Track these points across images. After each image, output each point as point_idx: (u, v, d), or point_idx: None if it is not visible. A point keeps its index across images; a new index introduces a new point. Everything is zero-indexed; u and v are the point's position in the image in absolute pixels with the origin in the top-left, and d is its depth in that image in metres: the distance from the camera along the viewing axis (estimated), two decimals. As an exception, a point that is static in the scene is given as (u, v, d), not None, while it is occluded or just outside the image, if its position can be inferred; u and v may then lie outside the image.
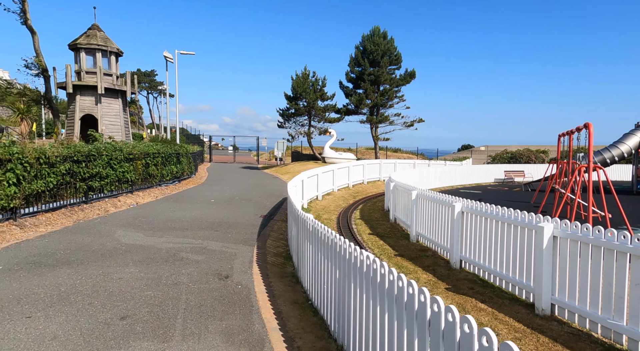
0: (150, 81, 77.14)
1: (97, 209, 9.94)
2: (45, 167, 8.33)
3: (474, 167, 24.56)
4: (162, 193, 13.74)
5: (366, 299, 2.99)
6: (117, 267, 5.60)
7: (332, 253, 3.79)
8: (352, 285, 3.26)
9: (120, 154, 11.39)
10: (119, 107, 17.56)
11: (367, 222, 10.84)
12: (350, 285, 3.30)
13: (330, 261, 3.86)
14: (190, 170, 18.80)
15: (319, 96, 28.26)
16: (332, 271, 3.80)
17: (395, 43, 30.88)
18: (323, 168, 15.86)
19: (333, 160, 28.12)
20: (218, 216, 9.98)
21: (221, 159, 41.98)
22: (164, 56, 22.32)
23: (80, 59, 16.81)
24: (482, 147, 41.39)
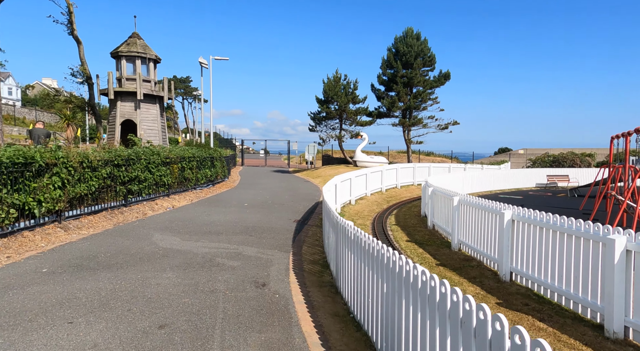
0: (185, 87, 79.79)
1: (136, 212, 10.14)
2: (88, 171, 8.57)
3: (514, 172, 23.45)
4: (197, 197, 13.92)
5: (422, 318, 2.71)
6: (155, 272, 5.58)
7: (378, 264, 3.53)
8: (403, 301, 2.98)
9: (157, 158, 11.62)
10: (156, 112, 18.06)
11: (404, 228, 10.45)
12: (400, 301, 3.02)
13: (375, 274, 3.60)
14: (223, 174, 19.04)
15: (350, 99, 28.01)
16: (377, 284, 3.54)
17: (429, 44, 30.19)
18: (356, 172, 15.57)
19: (364, 164, 27.72)
20: (252, 220, 9.93)
21: (253, 162, 42.53)
22: (199, 62, 22.83)
23: (121, 67, 17.44)
24: (521, 151, 39.62)
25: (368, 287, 3.80)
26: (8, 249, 6.28)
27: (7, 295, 4.57)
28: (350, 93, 28.59)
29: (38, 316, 4.03)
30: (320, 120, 29.75)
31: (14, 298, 4.48)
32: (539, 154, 40.14)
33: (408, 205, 15.53)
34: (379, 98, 31.32)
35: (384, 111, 30.60)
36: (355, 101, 28.69)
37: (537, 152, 40.35)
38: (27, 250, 6.42)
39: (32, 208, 6.94)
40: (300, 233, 8.63)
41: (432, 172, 22.80)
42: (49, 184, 7.30)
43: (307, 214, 11.33)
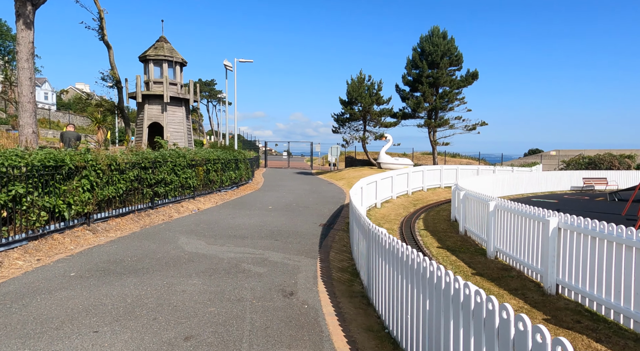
0: (210, 90, 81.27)
1: (162, 215, 10.16)
2: (116, 173, 8.61)
3: (547, 174, 22.42)
4: (221, 199, 13.91)
5: (475, 344, 2.40)
6: (181, 278, 5.46)
7: (419, 279, 3.23)
8: (451, 323, 2.68)
9: (183, 160, 11.65)
10: (182, 114, 18.26)
11: (434, 233, 10.03)
12: (448, 322, 2.72)
13: (416, 288, 3.30)
14: (247, 176, 19.05)
15: (374, 100, 27.59)
16: (419, 301, 3.24)
17: (455, 42, 29.40)
18: (382, 175, 15.20)
19: (389, 166, 27.23)
20: (277, 223, 9.76)
21: (276, 164, 42.67)
22: (224, 65, 23.02)
23: (149, 70, 17.73)
24: (553, 152, 38.01)
25: (406, 302, 3.50)
26: (39, 252, 6.32)
27: (35, 300, 4.52)
28: (374, 94, 28.17)
29: (64, 323, 3.94)
30: (344, 121, 29.46)
31: (42, 303, 4.43)
32: (573, 155, 38.41)
33: (436, 209, 15.02)
34: (404, 99, 30.74)
35: (409, 111, 29.99)
36: (379, 102, 28.25)
37: (571, 154, 38.62)
38: (57, 253, 6.45)
39: (62, 211, 6.99)
40: (326, 238, 8.38)
41: (460, 174, 22.09)
42: (78, 187, 7.35)
43: (332, 217, 11.08)
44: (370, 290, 4.91)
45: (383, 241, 4.23)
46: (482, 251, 8.09)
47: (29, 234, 6.44)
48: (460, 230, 9.92)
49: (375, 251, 4.55)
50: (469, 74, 28.90)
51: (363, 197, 12.17)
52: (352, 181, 22.50)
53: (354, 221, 6.72)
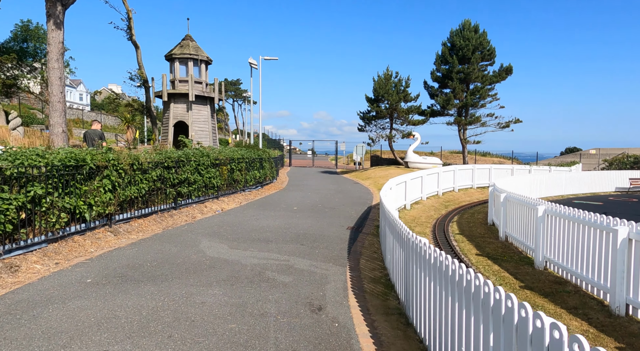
0: (235, 89, 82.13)
1: (185, 216, 9.91)
2: (139, 173, 8.39)
3: (588, 174, 20.97)
4: (245, 199, 13.61)
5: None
6: (201, 287, 5.07)
7: (477, 304, 2.66)
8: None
9: (207, 159, 11.39)
10: (207, 113, 18.13)
11: (470, 239, 9.31)
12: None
13: (473, 315, 2.73)
14: (272, 175, 18.74)
15: (402, 97, 26.73)
16: (477, 329, 2.67)
17: (487, 36, 28.09)
18: (411, 174, 14.49)
19: (417, 165, 26.34)
20: (302, 226, 9.30)
21: (300, 163, 42.40)
22: (249, 63, 22.82)
23: (175, 69, 17.69)
24: (593, 151, 35.87)
25: (459, 328, 2.93)
26: (58, 255, 6.11)
27: (47, 310, 4.23)
28: (401, 91, 27.31)
29: (73, 339, 3.60)
30: (370, 119, 28.74)
31: (53, 314, 4.13)
32: (615, 154, 36.13)
33: (469, 211, 14.18)
34: (432, 96, 29.69)
35: (438, 109, 28.93)
36: (407, 99, 27.35)
37: (612, 153, 36.35)
38: (76, 256, 6.22)
39: (83, 212, 6.78)
40: (355, 243, 7.84)
41: (494, 174, 20.99)
42: (99, 187, 7.13)
43: (360, 220, 10.52)
44: (409, 308, 4.35)
45: (426, 254, 3.66)
46: (528, 261, 7.34)
47: (49, 236, 6.24)
48: (500, 236, 9.14)
49: (416, 264, 3.99)
50: (502, 69, 27.54)
51: (392, 198, 11.54)
52: (378, 181, 21.82)
53: (387, 226, 6.16)
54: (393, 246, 5.39)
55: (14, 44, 31.19)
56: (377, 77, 27.43)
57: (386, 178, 22.50)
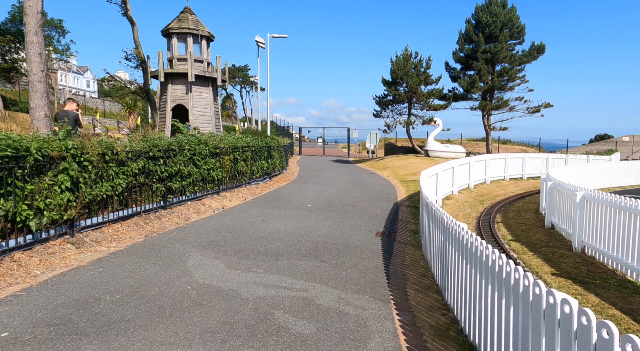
0: (243, 76, 79.92)
1: (177, 217, 8.13)
2: (113, 166, 6.59)
3: (637, 164, 18.69)
4: (251, 194, 11.80)
5: None
6: (174, 347, 3.26)
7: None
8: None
9: (205, 148, 9.55)
10: (209, 96, 16.25)
11: (532, 248, 7.37)
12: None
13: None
14: (281, 165, 16.90)
15: (422, 79, 24.50)
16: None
17: (517, 12, 25.52)
18: (442, 165, 12.50)
19: (438, 154, 24.25)
20: (320, 231, 7.46)
21: (310, 151, 40.53)
22: (256, 41, 20.78)
23: (172, 46, 15.77)
24: (626, 138, 33.27)
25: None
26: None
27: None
28: (422, 73, 25.06)
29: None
30: (387, 104, 26.59)
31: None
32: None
33: (512, 208, 12.20)
34: (454, 78, 27.34)
35: (461, 92, 26.63)
36: (427, 81, 25.12)
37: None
38: (10, 284, 4.46)
39: (27, 219, 5.00)
40: (392, 258, 5.97)
41: (528, 164, 18.87)
42: (53, 185, 5.34)
43: (389, 221, 8.63)
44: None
45: (544, 306, 1.77)
46: (625, 284, 5.40)
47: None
48: (574, 246, 7.15)
49: (532, 321, 2.10)
50: (534, 48, 25.04)
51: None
52: (398, 171, 19.86)
53: (453, 245, 4.27)
54: (466, 275, 3.50)
55: (12, 26, 29.50)
56: (395, 57, 25.19)
57: (406, 168, 20.52)
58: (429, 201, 5.59)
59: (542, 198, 10.74)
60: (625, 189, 16.83)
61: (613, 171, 17.46)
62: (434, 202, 5.32)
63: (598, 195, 6.48)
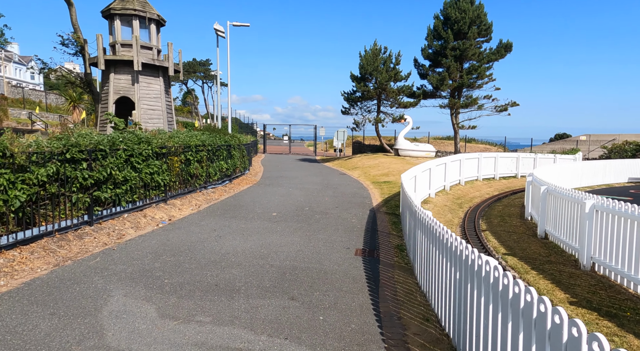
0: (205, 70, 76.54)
1: (106, 235, 6.46)
2: (5, 173, 4.86)
3: (601, 164, 18.75)
4: (207, 200, 10.20)
5: None
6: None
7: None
8: None
9: (146, 147, 7.89)
10: (159, 87, 14.35)
11: (533, 265, 6.39)
12: None
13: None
14: (243, 165, 15.31)
15: (392, 75, 23.62)
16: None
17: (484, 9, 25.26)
18: (420, 167, 11.47)
19: (409, 153, 23.52)
20: (288, 250, 6.09)
21: (275, 149, 38.91)
22: (215, 30, 18.93)
23: (115, 29, 13.73)
24: (583, 137, 34.34)
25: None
26: None
27: None
28: (391, 68, 24.19)
29: None
30: (355, 101, 25.52)
31: None
32: (606, 140, 34.78)
33: (493, 212, 11.40)
34: (423, 76, 26.73)
35: (430, 90, 26.05)
36: (397, 78, 24.28)
37: (603, 139, 34.98)
38: None
39: None
40: (380, 289, 4.71)
41: (500, 164, 18.43)
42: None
43: (368, 234, 7.40)
44: None
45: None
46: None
47: None
48: (583, 263, 6.18)
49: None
50: (501, 46, 24.85)
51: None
52: (369, 172, 18.81)
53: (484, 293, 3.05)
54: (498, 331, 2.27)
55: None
56: (364, 52, 24.15)
57: (377, 168, 19.53)
58: (425, 217, 4.38)
59: (528, 202, 9.97)
60: (594, 189, 16.73)
61: (582, 171, 17.34)
62: (435, 220, 4.10)
63: (612, 205, 5.56)
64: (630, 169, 19.42)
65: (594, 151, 33.21)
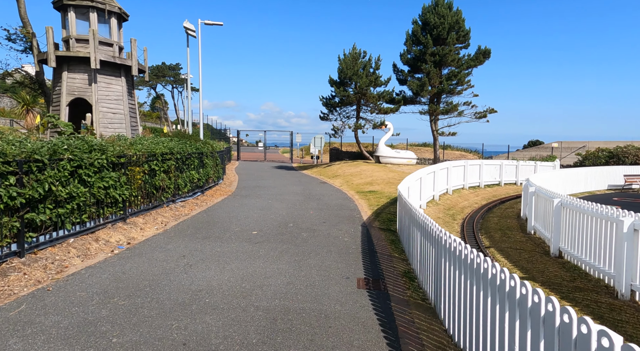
0: (175, 75, 73.94)
1: (42, 267, 5.08)
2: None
3: (583, 171, 18.65)
4: (175, 217, 8.86)
5: None
6: None
7: None
8: None
9: (100, 156, 6.53)
10: (121, 88, 12.83)
11: (555, 289, 5.52)
12: None
13: None
14: (217, 175, 13.98)
15: (372, 80, 22.91)
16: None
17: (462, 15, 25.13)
18: (414, 175, 10.59)
19: (390, 160, 22.81)
20: (275, 283, 4.94)
21: (250, 156, 37.46)
22: (185, 28, 17.55)
23: (69, 22, 12.16)
24: (555, 144, 34.97)
25: None
26: None
27: None
28: (371, 73, 23.50)
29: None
30: (334, 106, 24.64)
31: None
32: (576, 147, 35.58)
33: (490, 225, 10.65)
34: (402, 82, 26.24)
35: (410, 96, 25.55)
36: (377, 83, 23.60)
37: (574, 146, 35.79)
38: None
39: None
40: (400, 340, 3.64)
41: (484, 171, 17.95)
42: None
43: (367, 257, 6.34)
44: None
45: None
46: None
47: None
48: (620, 292, 5.35)
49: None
50: (480, 52, 24.71)
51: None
52: (351, 180, 17.86)
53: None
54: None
55: None
56: (344, 55, 23.36)
57: (360, 177, 18.61)
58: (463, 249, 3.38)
59: (530, 214, 9.26)
60: (579, 197, 16.49)
61: (566, 179, 17.10)
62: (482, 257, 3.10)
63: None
64: (610, 176, 19.46)
65: (567, 158, 33.84)
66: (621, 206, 6.41)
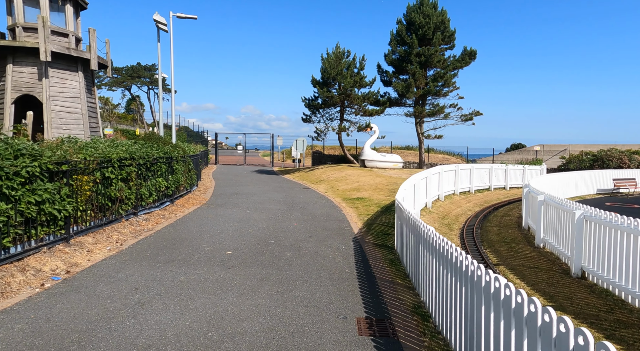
0: (150, 75, 71.27)
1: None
2: None
3: (574, 175, 18.18)
4: (135, 233, 7.51)
5: None
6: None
7: None
8: None
9: (26, 163, 5.18)
10: (78, 85, 11.34)
11: (596, 325, 4.55)
12: None
13: None
14: (189, 181, 12.61)
15: (357, 80, 21.95)
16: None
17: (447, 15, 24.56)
18: (407, 182, 9.57)
19: (376, 164, 21.86)
20: (252, 330, 3.77)
21: (228, 160, 35.90)
22: (155, 21, 16.09)
23: (16, 9, 10.62)
24: (537, 147, 34.97)
25: None
26: None
27: None
28: (355, 74, 22.54)
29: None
30: (317, 107, 23.55)
31: None
32: (557, 150, 35.70)
33: (491, 236, 9.74)
34: (387, 83, 25.47)
35: (395, 97, 24.76)
36: (361, 83, 22.65)
37: (555, 149, 35.92)
38: None
39: None
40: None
41: (475, 176, 17.20)
42: None
43: (363, 283, 5.22)
44: None
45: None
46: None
47: None
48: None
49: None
50: (465, 53, 24.16)
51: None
52: (336, 186, 16.76)
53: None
54: None
55: None
56: (327, 55, 22.32)
57: (346, 182, 17.54)
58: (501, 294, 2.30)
59: (539, 226, 8.40)
60: (572, 202, 15.94)
61: (559, 183, 16.52)
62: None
63: None
64: (598, 180, 19.11)
65: (549, 161, 33.83)
66: (617, 212, 5.59)
